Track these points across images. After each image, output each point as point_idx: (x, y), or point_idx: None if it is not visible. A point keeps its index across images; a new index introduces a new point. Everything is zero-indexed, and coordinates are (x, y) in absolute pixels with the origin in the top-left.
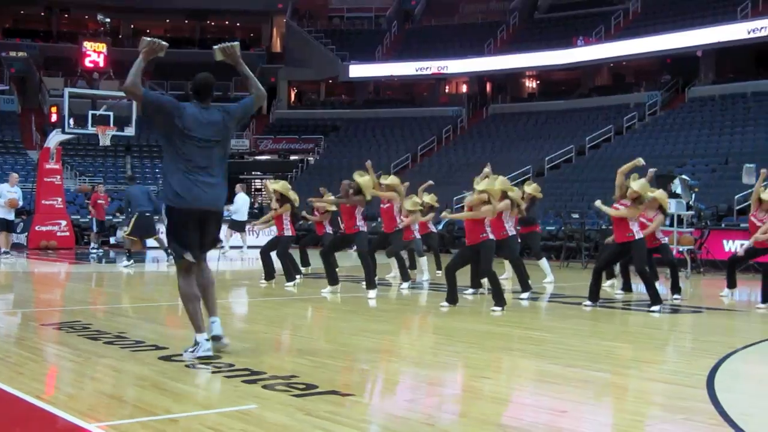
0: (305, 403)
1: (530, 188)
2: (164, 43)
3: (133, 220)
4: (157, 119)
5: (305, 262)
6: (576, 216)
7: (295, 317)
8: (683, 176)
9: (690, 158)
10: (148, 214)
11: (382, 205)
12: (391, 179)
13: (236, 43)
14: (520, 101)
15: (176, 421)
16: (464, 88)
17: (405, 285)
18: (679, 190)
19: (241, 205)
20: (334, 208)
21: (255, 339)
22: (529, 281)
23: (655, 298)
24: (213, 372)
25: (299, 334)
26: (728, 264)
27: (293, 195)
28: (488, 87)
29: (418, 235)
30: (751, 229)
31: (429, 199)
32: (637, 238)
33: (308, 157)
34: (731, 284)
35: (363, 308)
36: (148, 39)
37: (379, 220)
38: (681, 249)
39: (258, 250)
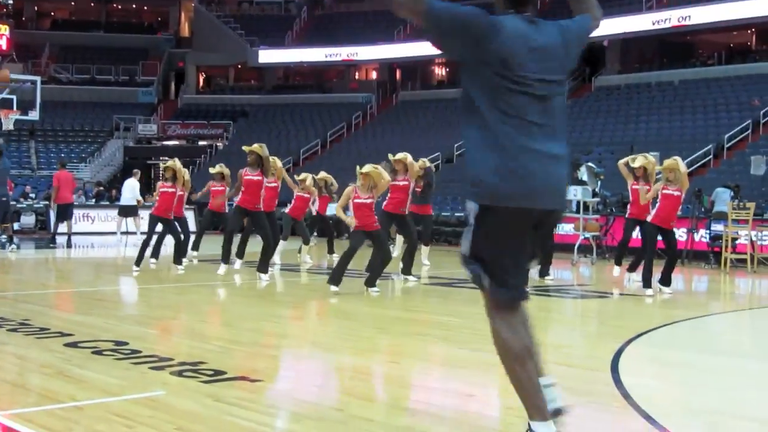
0: (214, 389)
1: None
2: None
3: None
4: (457, 46)
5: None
6: None
7: (201, 303)
8: (589, 164)
9: (596, 146)
10: (4, 199)
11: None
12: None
13: None
14: (430, 88)
15: (81, 408)
16: (374, 75)
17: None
18: (585, 177)
19: (124, 188)
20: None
21: (162, 325)
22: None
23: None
24: (119, 359)
25: (206, 320)
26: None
27: (186, 176)
28: (398, 74)
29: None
30: (634, 196)
31: (322, 176)
32: None
33: (217, 143)
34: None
35: (270, 293)
36: None
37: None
38: (587, 235)
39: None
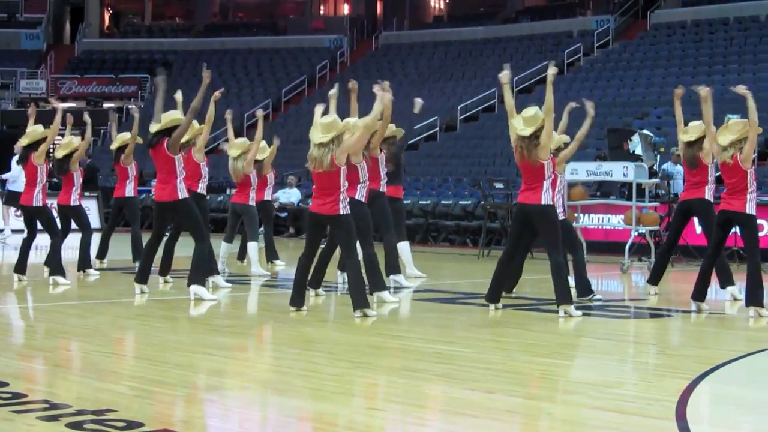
0: None
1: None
2: None
3: None
4: None
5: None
6: (500, 186)
7: (110, 328)
8: (644, 131)
9: (653, 106)
10: None
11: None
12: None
13: None
14: (423, 27)
15: None
16: (346, 9)
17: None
18: (638, 150)
19: (19, 172)
20: None
21: (57, 358)
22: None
23: (564, 295)
24: None
25: (116, 352)
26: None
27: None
28: (379, 7)
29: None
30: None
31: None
32: (545, 203)
33: (129, 105)
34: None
35: (204, 316)
36: None
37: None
38: (642, 231)
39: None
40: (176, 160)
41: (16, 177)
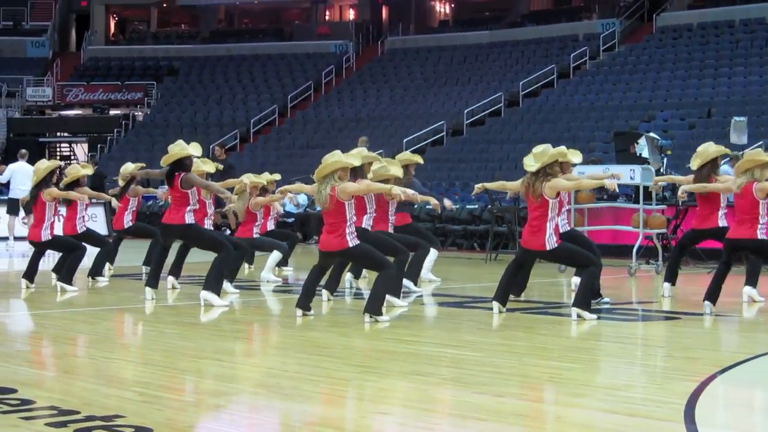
0: None
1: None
2: None
3: None
4: None
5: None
6: None
7: (119, 334)
8: (651, 134)
9: (660, 109)
10: None
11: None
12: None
13: None
14: (429, 32)
15: None
16: (351, 14)
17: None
18: (645, 153)
19: (11, 176)
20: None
21: (65, 365)
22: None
23: (582, 300)
24: (4, 412)
25: (124, 358)
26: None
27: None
28: (384, 12)
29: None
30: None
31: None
32: (549, 248)
33: (135, 111)
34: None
35: (212, 321)
36: None
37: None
38: (650, 233)
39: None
40: (190, 193)
41: (6, 180)
